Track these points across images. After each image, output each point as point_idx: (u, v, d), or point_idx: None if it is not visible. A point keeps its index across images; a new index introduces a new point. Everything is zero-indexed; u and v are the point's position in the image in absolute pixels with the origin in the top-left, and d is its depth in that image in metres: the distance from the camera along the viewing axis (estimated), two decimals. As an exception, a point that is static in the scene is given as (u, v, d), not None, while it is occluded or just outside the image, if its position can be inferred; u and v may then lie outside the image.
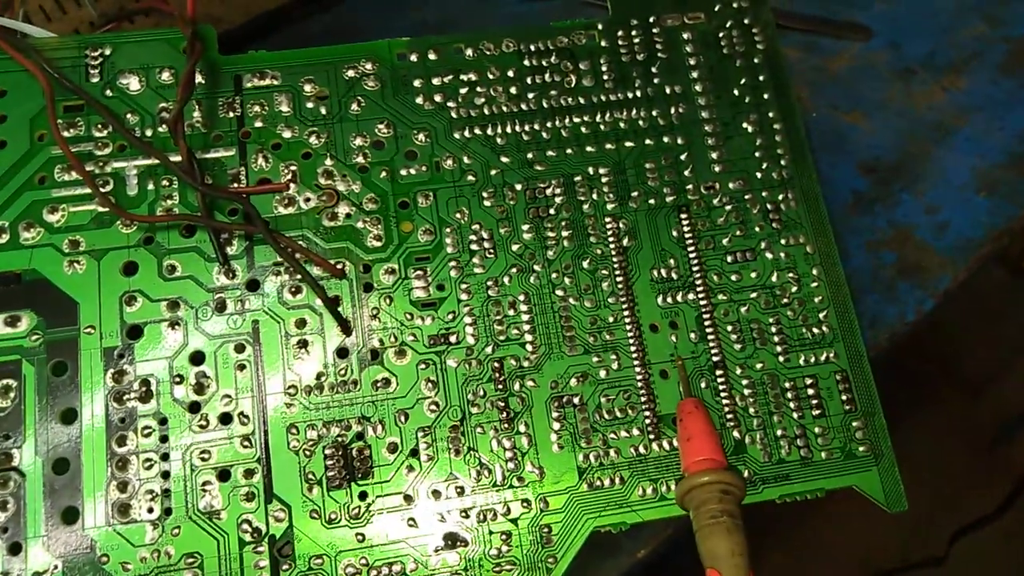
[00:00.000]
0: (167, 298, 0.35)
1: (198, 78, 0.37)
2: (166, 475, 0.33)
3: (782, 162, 0.39)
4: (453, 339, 0.35)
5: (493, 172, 0.37)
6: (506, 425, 0.34)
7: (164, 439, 0.33)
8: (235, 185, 0.36)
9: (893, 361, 0.46)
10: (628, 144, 0.38)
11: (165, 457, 0.33)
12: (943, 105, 0.54)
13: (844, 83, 0.55)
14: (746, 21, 0.41)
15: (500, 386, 0.35)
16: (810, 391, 0.35)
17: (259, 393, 0.34)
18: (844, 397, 0.35)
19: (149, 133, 0.37)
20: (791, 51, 0.56)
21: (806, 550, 0.89)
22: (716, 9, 0.41)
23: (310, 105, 0.38)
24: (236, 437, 0.33)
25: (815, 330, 0.36)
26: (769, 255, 0.37)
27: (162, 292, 0.35)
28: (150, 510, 0.32)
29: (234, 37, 0.52)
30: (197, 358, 0.34)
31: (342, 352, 0.35)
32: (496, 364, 0.35)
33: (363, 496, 0.33)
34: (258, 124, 0.37)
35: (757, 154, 0.39)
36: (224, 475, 0.33)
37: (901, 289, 0.47)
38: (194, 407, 0.34)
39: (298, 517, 0.33)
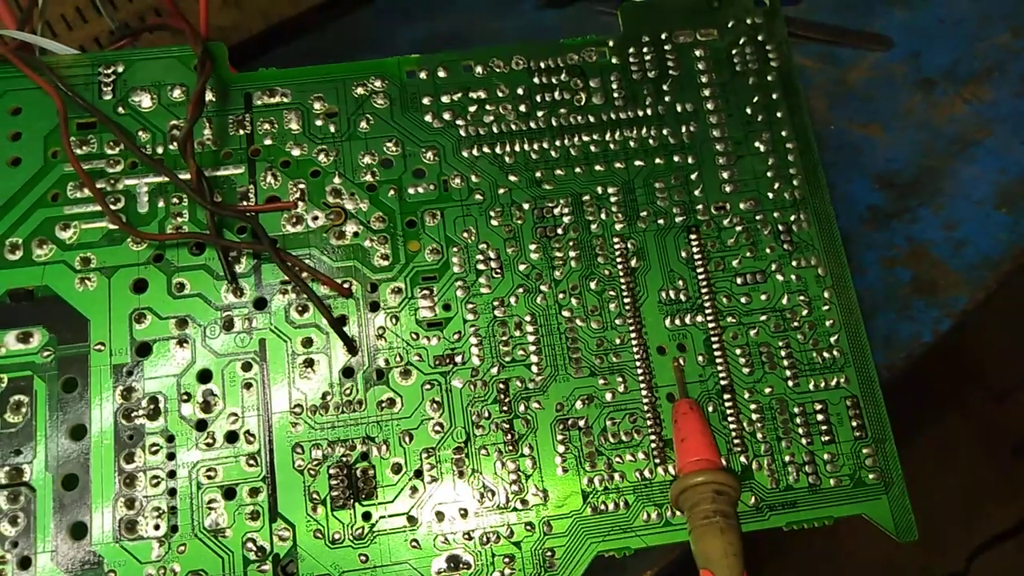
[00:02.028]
0: (176, 316, 0.35)
1: (209, 96, 0.38)
2: (173, 492, 0.33)
3: (794, 182, 0.38)
4: (459, 359, 0.35)
5: (501, 191, 0.37)
6: (510, 447, 0.34)
7: (171, 456, 0.33)
8: (244, 203, 0.36)
9: (913, 374, 0.46)
10: (638, 163, 0.38)
11: (172, 474, 0.33)
12: (964, 117, 0.52)
13: (862, 95, 0.54)
14: (760, 38, 0.40)
15: (505, 408, 0.34)
16: (819, 416, 0.35)
17: (265, 412, 0.34)
18: (854, 423, 0.35)
19: (160, 150, 0.37)
20: (809, 62, 0.55)
21: (822, 564, 0.88)
22: (729, 25, 0.41)
23: (319, 123, 0.38)
24: (242, 455, 0.34)
25: (826, 354, 0.36)
26: (780, 277, 0.37)
27: (171, 310, 0.35)
28: (156, 527, 0.33)
29: (250, 46, 0.53)
30: (204, 376, 0.34)
31: (348, 372, 0.35)
32: (501, 385, 0.35)
33: (367, 516, 0.33)
34: (268, 142, 0.37)
35: (769, 174, 0.38)
36: (230, 493, 0.33)
37: (917, 307, 0.46)
38: (201, 425, 0.34)
39: (302, 536, 0.33)
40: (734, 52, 0.40)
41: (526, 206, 0.37)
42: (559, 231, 0.37)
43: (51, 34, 0.46)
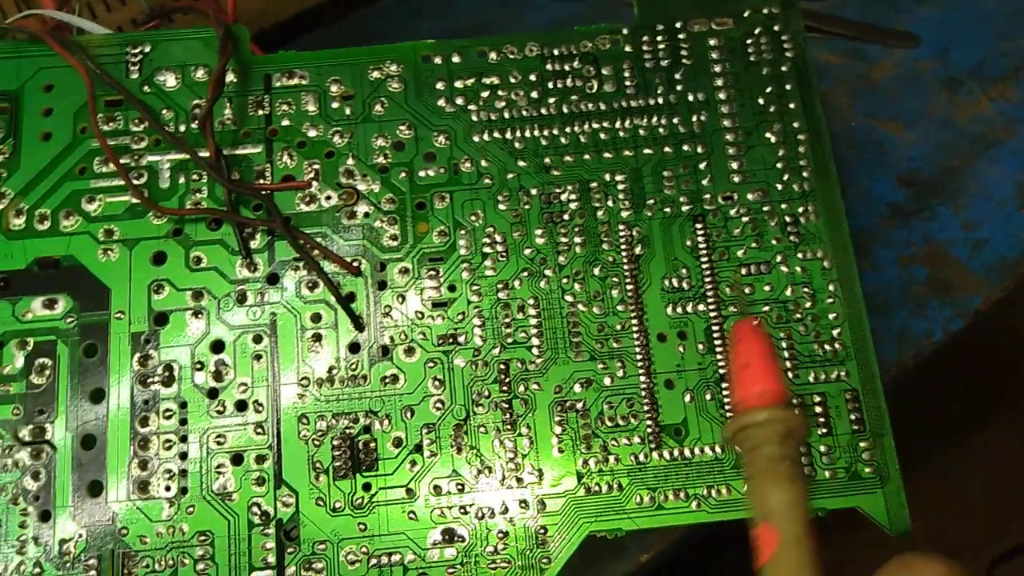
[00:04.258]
0: (192, 288, 0.36)
1: (230, 76, 0.39)
2: (184, 456, 0.34)
3: (804, 174, 0.38)
4: (462, 339, 0.36)
5: (510, 176, 0.38)
6: (509, 426, 0.35)
7: (183, 422, 0.35)
8: (260, 181, 0.37)
9: (935, 382, 0.45)
10: (647, 151, 0.38)
11: (184, 439, 0.35)
12: (989, 117, 0.52)
13: (886, 92, 0.54)
14: (776, 28, 0.40)
15: (505, 388, 0.35)
16: (818, 409, 0.35)
17: (273, 383, 0.35)
18: (853, 417, 0.35)
19: (183, 128, 0.38)
20: (834, 58, 0.55)
21: (848, 563, 0.87)
22: (745, 15, 0.41)
23: (335, 105, 0.39)
24: (250, 424, 0.35)
25: (827, 347, 0.36)
26: (784, 269, 0.37)
27: (188, 282, 0.36)
28: (167, 488, 0.34)
29: (280, 31, 0.54)
30: (217, 346, 0.36)
31: (354, 347, 0.36)
32: (502, 366, 0.35)
33: (367, 487, 0.34)
34: (285, 122, 0.38)
35: (779, 165, 0.38)
36: (237, 459, 0.34)
37: (931, 306, 0.45)
38: (212, 393, 0.35)
39: (305, 503, 0.34)
40: (749, 42, 0.40)
41: (534, 191, 0.38)
42: (565, 217, 0.37)
43: (91, 15, 0.48)
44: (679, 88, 0.39)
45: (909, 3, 0.57)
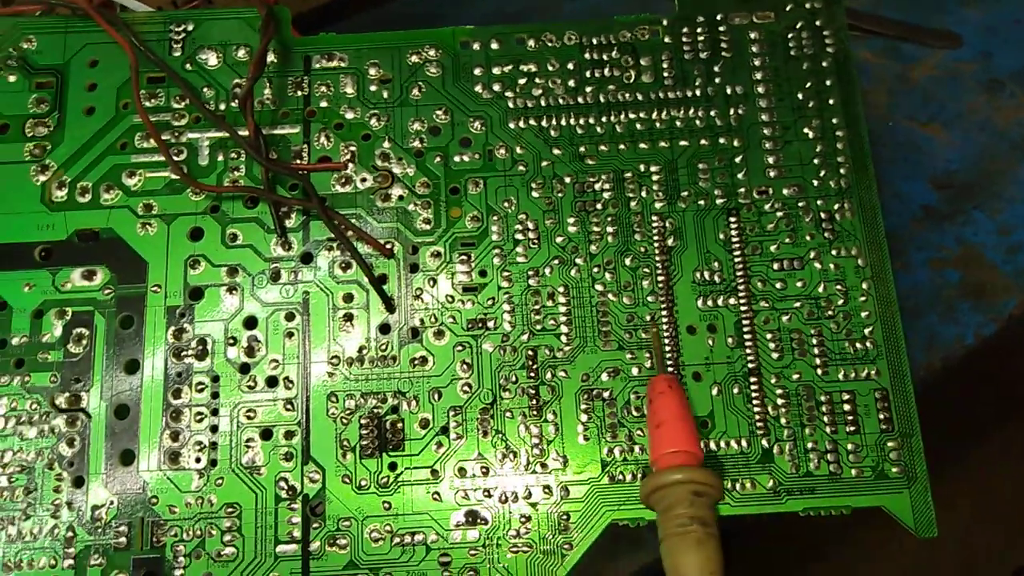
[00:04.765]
0: (227, 264, 0.37)
1: (271, 57, 0.39)
2: (214, 429, 0.35)
3: (841, 171, 0.38)
4: (491, 324, 0.36)
5: (544, 164, 0.38)
6: (535, 412, 0.35)
7: (215, 395, 0.35)
8: (297, 161, 0.38)
9: (965, 386, 0.45)
10: (683, 143, 0.38)
11: (215, 412, 0.35)
12: (1031, 121, 0.51)
13: (926, 92, 0.53)
14: (818, 23, 0.40)
15: (532, 374, 0.35)
16: (846, 407, 0.35)
17: (304, 360, 0.36)
18: (882, 416, 0.35)
19: (223, 107, 0.39)
20: (874, 57, 0.54)
21: (861, 564, 0.86)
22: (787, 9, 0.40)
23: (373, 88, 0.39)
24: (280, 400, 0.35)
25: (858, 345, 0.35)
26: (818, 265, 0.37)
27: (223, 258, 0.37)
28: (198, 460, 0.35)
29: (323, 13, 0.54)
30: (250, 323, 0.36)
31: (384, 328, 0.36)
32: (530, 352, 0.36)
33: (393, 467, 0.34)
34: (323, 104, 0.39)
35: (816, 161, 0.38)
36: (267, 434, 0.35)
37: (962, 310, 0.45)
38: (244, 368, 0.36)
39: (331, 480, 0.34)
40: (790, 36, 0.40)
41: (568, 180, 0.38)
42: (598, 206, 0.37)
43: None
44: (717, 81, 0.39)
45: (952, 3, 0.56)
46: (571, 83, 0.39)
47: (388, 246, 0.37)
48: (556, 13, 0.56)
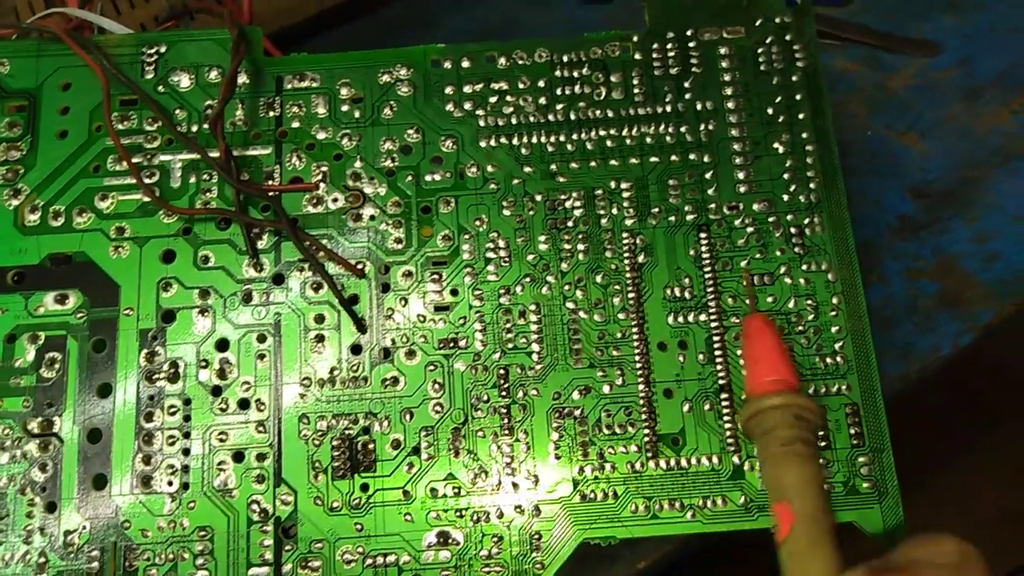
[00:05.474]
0: (199, 286, 0.37)
1: (243, 78, 0.39)
2: (187, 452, 0.35)
3: (811, 185, 0.38)
4: (462, 343, 0.36)
5: (515, 181, 0.38)
6: (506, 431, 0.35)
7: (187, 419, 0.35)
8: (269, 183, 0.38)
9: (944, 395, 0.45)
10: (653, 159, 0.38)
11: (187, 435, 0.35)
12: (1009, 129, 0.51)
13: (904, 101, 0.53)
14: (787, 37, 0.40)
15: (504, 393, 0.35)
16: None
17: (276, 382, 0.36)
18: (852, 431, 0.34)
19: (195, 129, 0.39)
20: (851, 65, 0.54)
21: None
22: (757, 24, 0.40)
23: (345, 108, 0.39)
24: (252, 422, 0.35)
25: (828, 360, 0.35)
26: (788, 280, 0.37)
27: (195, 280, 0.37)
28: (170, 483, 0.35)
29: (302, 29, 0.54)
30: (222, 345, 0.36)
31: (356, 349, 0.36)
32: (502, 371, 0.36)
33: (364, 488, 0.35)
34: (295, 124, 0.39)
35: (786, 176, 0.38)
36: (239, 457, 0.35)
37: (939, 320, 0.45)
38: (216, 391, 0.36)
39: (303, 502, 0.34)
40: (760, 51, 0.40)
41: (539, 197, 0.38)
42: (569, 223, 0.37)
43: (115, 12, 0.49)
44: (687, 96, 0.39)
45: (930, 12, 0.56)
46: (542, 100, 0.39)
47: (359, 266, 0.37)
48: (537, 25, 0.56)
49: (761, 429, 0.29)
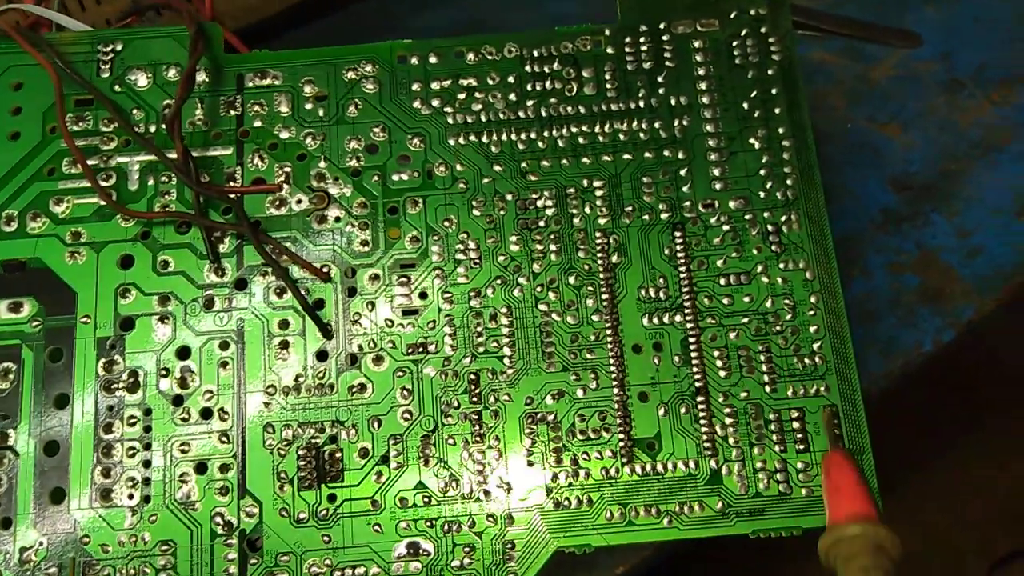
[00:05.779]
0: (159, 292, 0.36)
1: (202, 76, 0.38)
2: (147, 464, 0.34)
3: (788, 182, 0.37)
4: (432, 348, 0.35)
5: (485, 181, 0.37)
6: (478, 438, 0.34)
7: (148, 429, 0.34)
8: (230, 184, 0.37)
9: (926, 391, 0.44)
10: (626, 157, 0.37)
11: (148, 447, 0.34)
12: (990, 121, 0.50)
13: (885, 93, 0.52)
14: (763, 30, 0.39)
15: (475, 398, 0.34)
16: (795, 424, 0.34)
17: (239, 391, 0.35)
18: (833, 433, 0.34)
19: (153, 129, 0.38)
20: (830, 57, 0.54)
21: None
22: (732, 16, 0.39)
23: (309, 106, 0.38)
24: (215, 432, 0.34)
25: (807, 361, 0.35)
26: (765, 279, 0.36)
27: (155, 286, 0.36)
28: (131, 496, 0.34)
29: (269, 26, 0.53)
30: (183, 352, 0.35)
31: (321, 355, 0.35)
32: (473, 376, 0.35)
33: (332, 499, 0.33)
34: (257, 124, 0.38)
35: (762, 172, 0.37)
36: (201, 468, 0.34)
37: (921, 315, 0.44)
38: (177, 400, 0.35)
39: (268, 514, 0.33)
40: (734, 44, 0.39)
41: (509, 197, 0.37)
42: (541, 223, 0.36)
43: (80, 8, 0.47)
44: (661, 91, 0.38)
45: (911, 2, 0.55)
46: (512, 97, 0.38)
47: (324, 270, 0.36)
48: (511, 22, 0.54)
49: (842, 557, 0.30)
